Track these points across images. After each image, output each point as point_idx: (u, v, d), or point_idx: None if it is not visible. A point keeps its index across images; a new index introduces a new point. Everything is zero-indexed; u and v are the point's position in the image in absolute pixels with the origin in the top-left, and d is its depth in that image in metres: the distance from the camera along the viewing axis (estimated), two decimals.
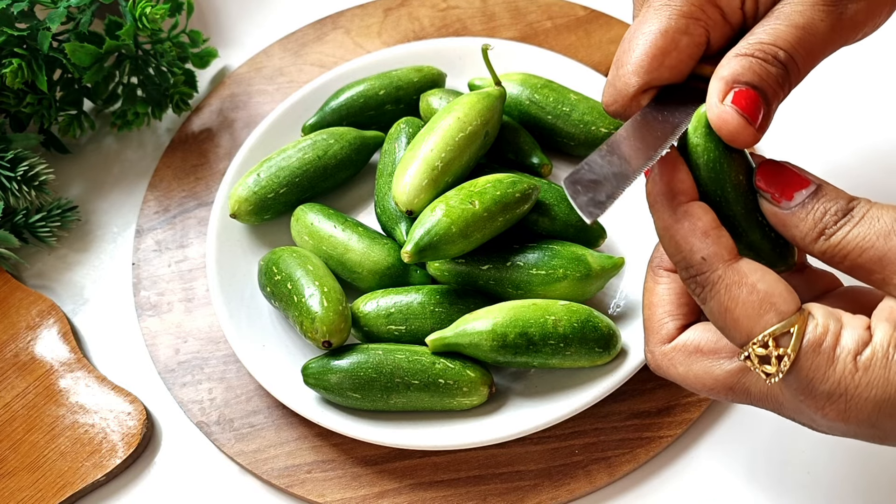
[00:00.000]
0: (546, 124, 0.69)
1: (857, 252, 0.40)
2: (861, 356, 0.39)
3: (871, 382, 0.39)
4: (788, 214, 0.41)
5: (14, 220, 0.72)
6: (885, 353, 0.39)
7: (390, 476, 0.61)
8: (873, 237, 0.40)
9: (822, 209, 0.41)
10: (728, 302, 0.41)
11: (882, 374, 0.38)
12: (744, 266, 0.41)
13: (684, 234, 0.42)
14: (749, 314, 0.40)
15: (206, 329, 0.68)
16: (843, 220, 0.41)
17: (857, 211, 0.41)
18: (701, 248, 0.41)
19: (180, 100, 0.76)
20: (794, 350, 0.39)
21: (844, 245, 0.40)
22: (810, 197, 0.41)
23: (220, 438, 0.64)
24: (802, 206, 0.41)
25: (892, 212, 0.40)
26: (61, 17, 0.68)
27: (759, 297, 0.40)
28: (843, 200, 0.41)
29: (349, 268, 0.64)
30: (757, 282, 0.40)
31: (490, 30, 0.80)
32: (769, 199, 0.42)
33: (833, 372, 0.39)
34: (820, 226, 0.41)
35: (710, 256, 0.41)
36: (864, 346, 0.39)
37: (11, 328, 0.68)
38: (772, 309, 0.40)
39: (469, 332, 0.59)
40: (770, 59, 0.43)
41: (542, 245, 0.62)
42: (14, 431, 0.64)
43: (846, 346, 0.39)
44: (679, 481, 0.60)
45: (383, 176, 0.67)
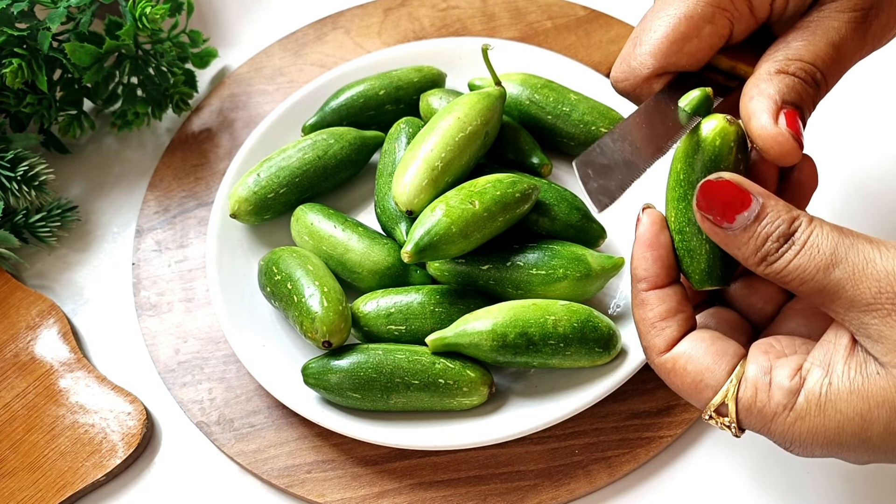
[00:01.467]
0: (546, 124, 0.69)
1: (798, 282, 0.41)
2: (795, 406, 0.41)
3: (810, 430, 0.41)
4: (731, 236, 0.42)
5: (14, 220, 0.72)
6: (818, 401, 0.40)
7: (390, 476, 0.61)
8: (812, 270, 0.40)
9: (763, 234, 0.41)
10: (672, 385, 0.45)
11: (818, 421, 0.40)
12: (676, 352, 0.44)
13: (637, 322, 0.46)
14: (690, 394, 0.44)
15: (206, 329, 0.68)
16: (785, 246, 0.41)
17: (799, 236, 0.41)
18: (645, 338, 0.46)
19: (180, 100, 0.76)
20: (732, 418, 0.43)
21: (786, 274, 0.41)
22: (752, 220, 0.41)
23: (220, 438, 0.64)
24: (744, 230, 0.41)
25: (832, 238, 0.40)
26: (61, 17, 0.68)
27: (690, 380, 0.44)
28: (784, 223, 0.41)
29: (349, 268, 0.64)
30: (686, 364, 0.44)
31: (490, 30, 0.80)
32: (710, 220, 0.42)
33: (774, 426, 0.41)
34: (762, 252, 0.41)
35: (649, 347, 0.46)
36: (796, 395, 0.41)
37: (11, 328, 0.68)
38: (703, 387, 0.43)
39: (469, 332, 0.59)
40: (810, 80, 0.45)
41: (542, 245, 0.62)
42: (14, 431, 0.64)
43: (779, 401, 0.41)
44: (679, 481, 0.60)
45: (383, 176, 0.67)
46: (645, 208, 0.46)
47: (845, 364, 0.40)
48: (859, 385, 0.40)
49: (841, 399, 0.40)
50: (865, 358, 0.40)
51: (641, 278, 0.45)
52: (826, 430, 0.40)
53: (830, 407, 0.40)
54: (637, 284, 0.46)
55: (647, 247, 0.46)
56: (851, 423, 0.40)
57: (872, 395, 0.39)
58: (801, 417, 0.41)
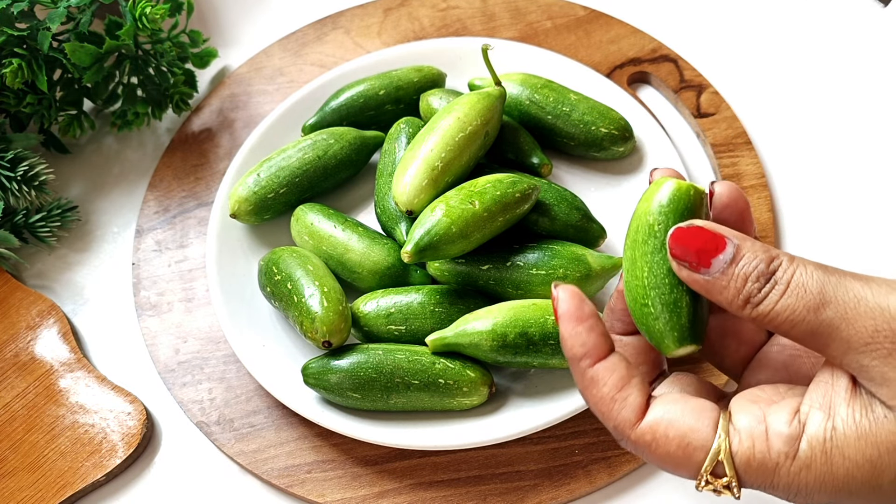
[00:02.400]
0: (546, 124, 0.69)
1: (789, 325, 0.38)
2: (798, 455, 0.38)
3: (817, 479, 0.38)
4: (710, 282, 0.40)
5: (14, 220, 0.72)
6: (823, 448, 0.38)
7: (390, 476, 0.61)
8: (803, 311, 0.38)
9: (742, 275, 0.39)
10: (656, 459, 0.41)
11: (825, 469, 0.38)
12: (651, 420, 0.41)
13: (594, 403, 0.42)
14: (678, 464, 0.40)
15: (206, 329, 0.68)
16: (768, 286, 0.39)
17: (781, 276, 0.39)
18: (610, 417, 0.42)
19: (180, 100, 0.76)
20: (732, 476, 0.39)
21: (774, 316, 0.39)
22: (728, 263, 0.40)
23: (220, 438, 0.64)
24: (722, 273, 0.40)
25: (817, 277, 0.39)
26: (61, 17, 0.68)
27: (676, 446, 0.40)
28: (763, 264, 0.39)
29: (349, 268, 0.64)
30: (667, 431, 0.40)
31: (490, 30, 0.80)
32: (687, 268, 0.40)
33: (778, 478, 0.39)
34: (744, 294, 0.39)
35: (618, 424, 0.41)
36: (797, 441, 0.38)
37: (11, 328, 0.68)
38: (692, 450, 0.40)
39: (469, 332, 0.59)
40: None
41: (542, 245, 0.62)
42: (14, 431, 0.64)
43: (780, 450, 0.38)
44: (679, 481, 0.60)
45: (383, 176, 0.67)
46: (556, 285, 0.43)
47: (849, 407, 0.38)
48: (867, 429, 0.37)
49: (848, 445, 0.37)
50: (870, 400, 0.38)
51: (582, 355, 0.42)
52: (835, 479, 0.38)
53: (838, 453, 0.38)
54: (579, 364, 0.42)
55: (576, 321, 0.42)
56: (861, 470, 0.37)
57: (882, 440, 0.37)
58: (806, 466, 0.38)
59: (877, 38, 0.78)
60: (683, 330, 0.42)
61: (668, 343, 0.42)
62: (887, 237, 0.69)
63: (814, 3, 0.81)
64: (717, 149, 0.72)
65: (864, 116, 0.74)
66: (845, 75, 0.77)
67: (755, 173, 0.71)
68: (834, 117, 0.74)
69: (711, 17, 0.81)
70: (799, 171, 0.72)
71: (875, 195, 0.71)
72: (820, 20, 0.80)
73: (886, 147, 0.73)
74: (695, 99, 0.75)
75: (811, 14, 0.80)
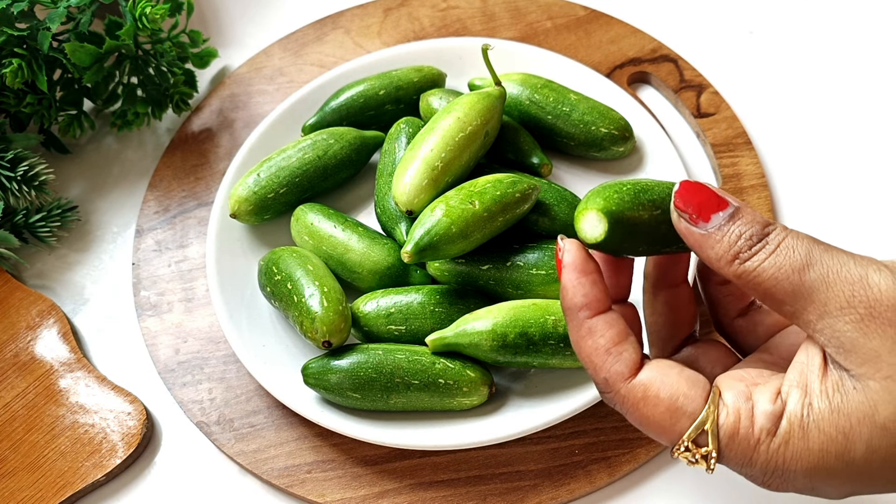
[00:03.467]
0: (546, 124, 0.69)
1: (772, 282, 0.40)
2: (779, 431, 0.39)
3: (794, 454, 0.39)
4: (705, 236, 0.41)
5: (14, 220, 0.72)
6: (801, 423, 0.39)
7: (390, 476, 0.61)
8: (788, 270, 0.39)
9: (737, 232, 0.41)
10: (640, 418, 0.42)
11: (802, 444, 0.39)
12: (644, 377, 0.42)
13: (588, 353, 0.43)
14: (662, 425, 0.41)
15: (206, 329, 0.68)
16: (758, 245, 0.40)
17: (773, 238, 0.40)
18: (603, 368, 0.42)
19: (180, 100, 0.76)
20: (713, 446, 0.40)
21: (759, 273, 0.40)
22: (727, 220, 0.41)
23: (220, 438, 0.64)
24: (718, 228, 0.41)
25: (806, 243, 0.40)
26: (61, 17, 0.68)
27: (664, 407, 0.41)
28: (758, 225, 0.41)
29: (349, 268, 0.64)
30: (659, 390, 0.41)
31: (490, 30, 0.80)
32: (686, 220, 0.42)
33: (758, 454, 0.40)
34: (734, 249, 0.40)
35: (610, 377, 0.42)
36: (779, 418, 0.39)
37: (11, 328, 0.68)
38: (680, 414, 0.41)
39: (469, 332, 0.59)
40: None
41: (542, 245, 0.62)
42: (14, 431, 0.64)
43: (763, 426, 0.39)
44: (679, 481, 0.60)
45: (383, 176, 0.67)
46: (562, 238, 0.44)
47: (822, 384, 0.39)
48: (839, 403, 0.39)
49: (823, 419, 0.39)
50: (840, 374, 0.39)
51: (582, 305, 0.43)
52: (810, 454, 0.39)
53: (814, 428, 0.39)
54: (578, 314, 0.43)
55: (579, 272, 0.43)
56: (835, 442, 0.39)
57: (853, 411, 0.38)
58: (785, 442, 0.39)
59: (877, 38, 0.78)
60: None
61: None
62: (887, 237, 0.69)
63: (814, 3, 0.81)
64: (717, 149, 0.72)
65: (865, 116, 0.74)
66: (845, 75, 0.77)
67: (755, 173, 0.71)
68: (834, 117, 0.74)
69: (711, 17, 0.81)
70: (799, 171, 0.72)
71: (875, 195, 0.71)
72: (820, 20, 0.80)
73: (887, 147, 0.73)
74: (695, 99, 0.75)
75: (811, 14, 0.80)
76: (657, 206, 0.44)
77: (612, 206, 0.43)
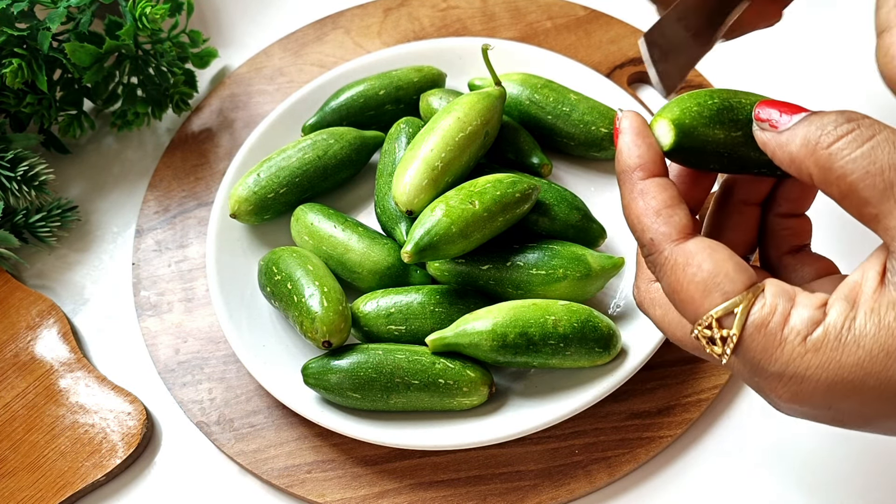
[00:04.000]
0: (546, 124, 0.69)
1: (861, 176, 0.36)
2: (811, 337, 0.37)
3: (821, 364, 0.36)
4: (786, 131, 0.39)
5: (14, 220, 0.72)
6: (838, 335, 0.36)
7: (390, 476, 0.61)
8: (884, 164, 0.36)
9: (822, 121, 0.38)
10: (675, 283, 0.40)
11: (834, 355, 0.36)
12: (691, 246, 0.39)
13: (638, 214, 0.41)
14: (694, 296, 0.39)
15: (206, 329, 0.68)
16: (851, 132, 0.37)
17: (866, 127, 0.37)
18: (650, 228, 0.40)
19: (180, 100, 0.76)
20: (736, 332, 0.38)
21: (849, 162, 0.36)
22: (809, 114, 0.39)
23: (220, 438, 0.64)
24: (803, 119, 0.39)
25: None
26: (61, 17, 0.68)
27: (703, 278, 0.38)
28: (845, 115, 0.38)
29: (349, 268, 0.64)
30: (703, 262, 0.39)
31: (490, 30, 0.80)
32: (766, 127, 0.40)
33: (781, 353, 0.37)
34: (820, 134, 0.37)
35: (657, 237, 0.40)
36: (816, 325, 0.37)
37: (11, 328, 0.68)
38: (716, 289, 0.38)
39: (469, 332, 0.59)
40: None
41: (542, 245, 0.62)
42: (14, 431, 0.64)
43: (795, 326, 0.37)
44: (679, 481, 0.60)
45: (383, 176, 0.67)
46: (622, 109, 0.43)
47: (874, 300, 0.36)
48: (890, 321, 0.36)
49: (866, 335, 0.36)
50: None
51: (636, 166, 0.41)
52: (840, 367, 0.36)
53: (853, 342, 0.36)
54: (632, 174, 0.41)
55: (637, 134, 0.41)
56: (874, 360, 0.35)
57: None
58: (815, 349, 0.36)
59: None
60: None
61: None
62: None
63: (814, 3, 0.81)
64: None
65: None
66: (846, 75, 0.77)
67: None
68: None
69: None
70: None
71: None
72: (820, 20, 0.80)
73: None
74: None
75: (811, 14, 0.80)
76: (739, 126, 0.41)
77: (685, 119, 0.41)
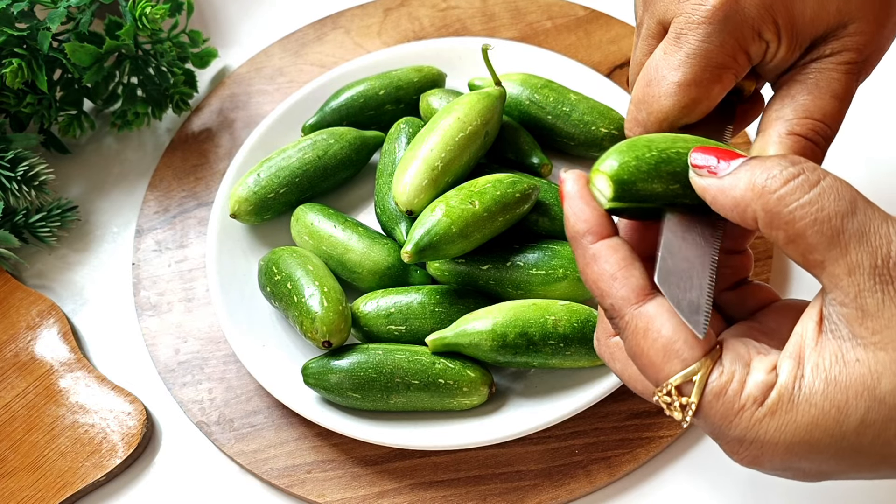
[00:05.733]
0: (546, 124, 0.69)
1: (809, 223, 0.36)
2: (766, 401, 0.37)
3: (778, 427, 0.37)
4: (727, 176, 0.39)
5: (14, 220, 0.72)
6: (791, 396, 0.37)
7: (390, 476, 0.61)
8: (831, 212, 0.36)
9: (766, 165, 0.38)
10: (636, 348, 0.40)
11: (789, 417, 0.37)
12: (651, 309, 0.40)
13: (594, 279, 0.41)
14: (654, 361, 0.40)
15: (206, 329, 0.68)
16: (797, 179, 0.37)
17: (811, 173, 0.37)
18: (609, 294, 0.41)
19: (180, 100, 0.76)
20: (696, 398, 0.38)
21: (797, 208, 0.37)
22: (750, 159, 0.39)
23: (220, 438, 0.64)
24: (743, 164, 0.38)
25: (850, 188, 0.37)
26: (61, 17, 0.68)
27: (663, 344, 0.39)
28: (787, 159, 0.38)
29: (349, 268, 0.64)
30: (662, 326, 0.39)
31: (490, 30, 0.80)
32: (704, 174, 0.39)
33: (739, 420, 0.38)
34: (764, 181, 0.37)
35: (617, 302, 0.41)
36: (770, 389, 0.37)
37: (11, 328, 0.68)
38: (675, 356, 0.39)
39: (469, 332, 0.59)
40: (820, 139, 0.44)
41: (542, 245, 0.62)
42: (14, 431, 0.64)
43: (751, 393, 0.38)
44: (679, 481, 0.60)
45: (383, 176, 0.67)
46: (565, 170, 0.43)
47: (817, 355, 0.37)
48: (836, 375, 0.36)
49: (816, 392, 0.36)
50: (840, 345, 0.37)
51: (585, 231, 0.41)
52: (796, 427, 0.37)
53: (804, 401, 0.37)
54: (581, 241, 0.41)
55: (581, 199, 0.42)
56: (826, 416, 0.36)
57: (851, 384, 0.36)
58: (771, 413, 0.37)
59: None
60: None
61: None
62: None
63: None
64: None
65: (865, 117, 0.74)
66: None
67: None
68: None
69: None
70: None
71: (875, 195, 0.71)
72: None
73: (887, 147, 0.73)
74: None
75: None
76: (677, 179, 0.41)
77: (623, 175, 0.41)
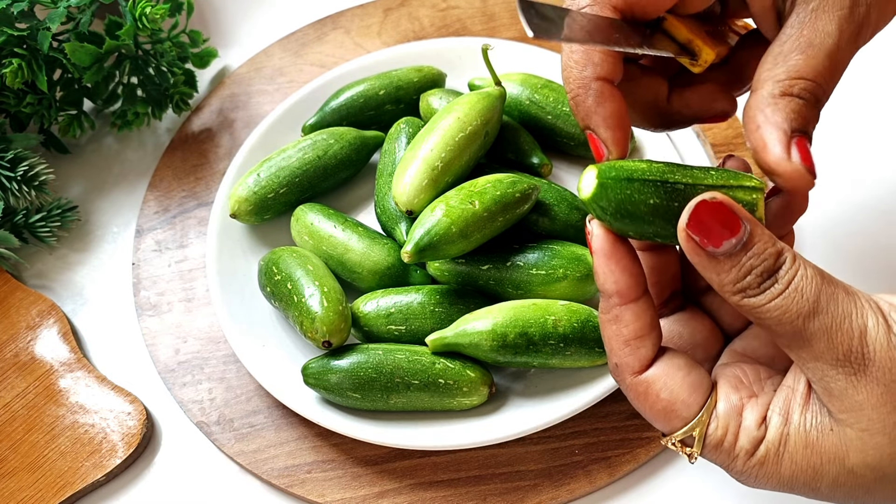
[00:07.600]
0: (546, 124, 0.69)
1: (775, 322, 0.40)
2: (756, 454, 0.42)
3: (767, 474, 0.42)
4: (714, 261, 0.40)
5: (14, 220, 0.72)
6: (777, 451, 0.42)
7: (390, 476, 0.61)
8: (794, 314, 0.40)
9: (748, 265, 0.40)
10: (638, 405, 0.45)
11: (774, 469, 0.42)
12: (650, 376, 0.44)
13: (609, 336, 0.44)
14: (656, 419, 0.44)
15: (206, 329, 0.68)
16: (767, 283, 0.40)
17: (783, 276, 0.40)
18: (617, 355, 0.44)
19: (180, 100, 0.76)
20: (697, 450, 0.43)
21: (764, 311, 0.40)
22: (739, 248, 0.40)
23: (220, 438, 0.64)
24: (729, 257, 0.40)
25: (815, 286, 0.40)
26: (61, 17, 0.68)
27: (662, 407, 0.43)
28: (770, 258, 0.40)
29: (349, 268, 0.64)
30: (661, 391, 0.43)
31: (490, 30, 0.80)
32: (696, 241, 0.40)
33: (735, 464, 0.43)
34: (742, 284, 0.40)
35: (622, 365, 0.44)
36: (759, 444, 0.42)
37: (11, 328, 0.68)
38: (675, 417, 0.43)
39: (469, 332, 0.59)
40: (814, 100, 0.44)
41: (542, 245, 0.62)
42: (14, 431, 0.64)
43: (743, 446, 0.42)
44: (679, 481, 0.60)
45: (383, 176, 0.67)
46: (590, 219, 0.44)
47: (802, 415, 0.42)
48: (813, 439, 0.41)
49: (797, 451, 0.42)
50: (820, 409, 0.41)
51: (612, 293, 0.43)
52: (780, 477, 0.42)
53: (788, 458, 0.42)
54: (609, 300, 0.44)
55: (608, 258, 0.43)
56: (804, 473, 0.42)
57: (825, 451, 0.41)
58: (760, 463, 0.42)
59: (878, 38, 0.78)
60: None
61: None
62: (887, 237, 0.69)
63: None
64: (717, 149, 0.72)
65: (865, 117, 0.74)
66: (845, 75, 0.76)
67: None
68: (834, 117, 0.74)
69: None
70: None
71: (875, 195, 0.71)
72: None
73: (887, 147, 0.73)
74: None
75: None
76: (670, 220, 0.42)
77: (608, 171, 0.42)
